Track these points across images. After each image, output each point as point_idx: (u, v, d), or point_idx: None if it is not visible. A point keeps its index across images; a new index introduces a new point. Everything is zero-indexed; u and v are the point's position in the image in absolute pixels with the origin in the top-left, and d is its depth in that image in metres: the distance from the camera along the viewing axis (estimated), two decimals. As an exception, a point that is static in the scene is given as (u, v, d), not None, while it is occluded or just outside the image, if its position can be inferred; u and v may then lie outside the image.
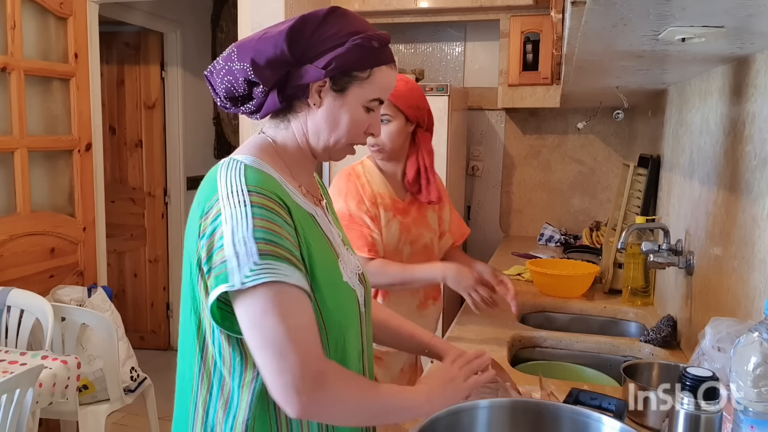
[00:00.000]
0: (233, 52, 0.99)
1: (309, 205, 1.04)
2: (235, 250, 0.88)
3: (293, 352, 0.87)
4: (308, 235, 0.98)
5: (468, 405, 1.04)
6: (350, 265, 1.08)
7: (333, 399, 0.90)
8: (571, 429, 1.03)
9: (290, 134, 1.04)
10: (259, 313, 0.88)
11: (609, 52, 1.26)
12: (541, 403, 1.10)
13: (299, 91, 1.00)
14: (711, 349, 1.09)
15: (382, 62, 1.01)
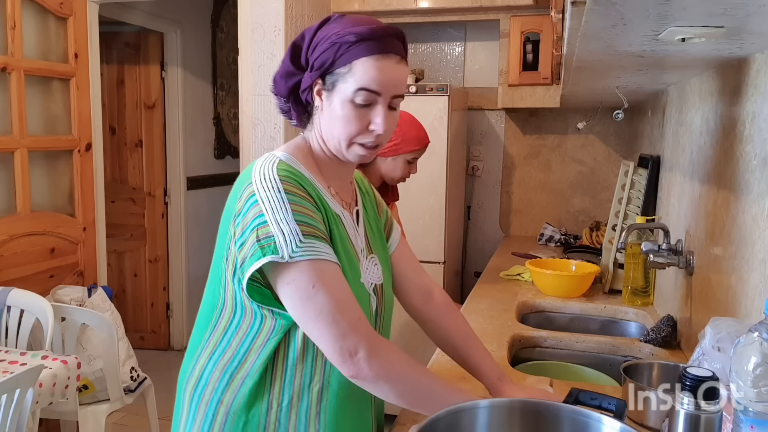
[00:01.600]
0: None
1: (337, 206, 1.10)
2: (279, 228, 0.97)
3: (345, 321, 0.96)
4: (334, 230, 1.06)
5: (468, 405, 1.04)
6: (370, 275, 1.13)
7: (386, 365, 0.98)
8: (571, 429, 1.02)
9: (315, 137, 1.11)
10: (309, 287, 0.97)
11: (609, 52, 1.26)
12: (541, 402, 1.10)
13: (308, 97, 1.08)
14: (711, 349, 1.09)
15: (361, 54, 1.02)
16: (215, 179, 4.74)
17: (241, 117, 2.96)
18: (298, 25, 2.98)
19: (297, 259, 0.96)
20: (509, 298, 2.23)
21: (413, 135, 2.04)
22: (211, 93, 4.70)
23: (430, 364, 1.62)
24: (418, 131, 2.07)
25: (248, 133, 2.95)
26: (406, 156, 2.05)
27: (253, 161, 1.10)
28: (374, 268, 1.15)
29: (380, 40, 1.03)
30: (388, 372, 0.99)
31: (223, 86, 4.81)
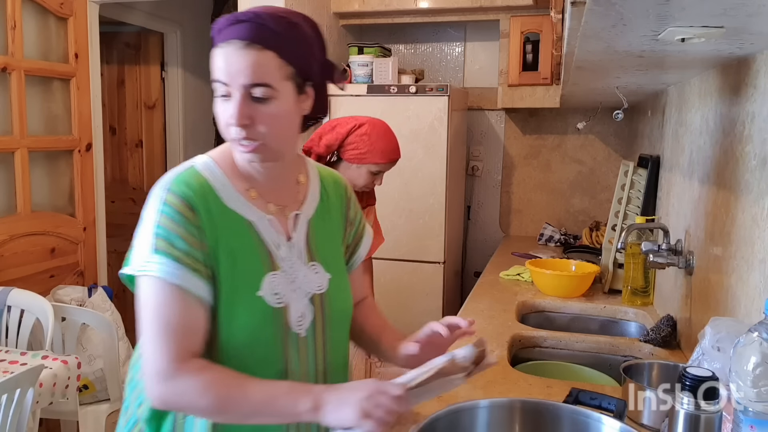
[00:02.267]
0: None
1: (253, 210, 1.03)
2: (141, 239, 0.97)
3: (157, 347, 0.94)
4: (231, 242, 1.00)
5: (468, 405, 1.04)
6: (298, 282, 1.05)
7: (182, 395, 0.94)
8: (571, 429, 1.03)
9: None
10: (142, 302, 0.96)
11: (609, 53, 1.26)
12: (541, 402, 1.10)
13: None
14: (711, 349, 1.09)
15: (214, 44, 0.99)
16: (215, 179, 4.74)
17: (241, 117, 2.95)
18: (298, 25, 2.98)
19: (139, 273, 0.95)
20: (509, 298, 2.23)
21: (381, 147, 1.99)
22: (211, 93, 4.70)
23: (430, 364, 1.62)
24: (387, 144, 2.02)
25: (248, 133, 2.94)
26: (370, 167, 2.00)
27: None
28: (313, 276, 1.08)
29: (224, 29, 0.97)
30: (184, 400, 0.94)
31: (223, 86, 4.81)
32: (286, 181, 1.11)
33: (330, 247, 1.14)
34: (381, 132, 2.00)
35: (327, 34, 3.35)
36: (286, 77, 0.98)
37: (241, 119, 0.96)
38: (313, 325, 1.06)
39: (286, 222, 1.07)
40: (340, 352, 1.13)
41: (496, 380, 1.50)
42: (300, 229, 1.09)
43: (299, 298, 1.04)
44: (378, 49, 3.26)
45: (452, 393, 1.41)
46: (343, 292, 1.14)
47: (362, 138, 1.97)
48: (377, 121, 2.02)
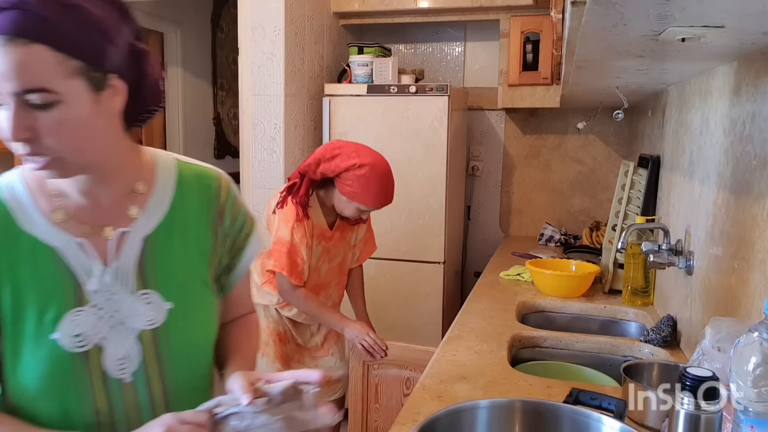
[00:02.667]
0: None
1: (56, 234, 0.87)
2: None
3: None
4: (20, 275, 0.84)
5: (468, 405, 1.04)
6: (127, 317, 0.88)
7: None
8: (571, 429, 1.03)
9: None
10: None
11: (609, 52, 1.26)
12: (541, 402, 1.10)
13: None
14: (711, 349, 1.09)
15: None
16: (215, 179, 4.74)
17: (241, 117, 2.96)
18: (298, 25, 2.98)
19: None
20: (509, 298, 2.23)
21: (374, 192, 1.99)
22: (211, 93, 4.71)
23: (431, 365, 1.62)
24: (382, 191, 2.01)
25: (248, 133, 2.95)
26: (360, 206, 2.01)
27: None
28: (143, 308, 0.89)
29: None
30: None
31: (223, 86, 4.82)
32: (113, 194, 0.91)
33: (179, 268, 0.94)
34: (378, 177, 1.98)
35: (327, 34, 3.36)
36: (71, 74, 0.78)
37: (18, 133, 0.78)
38: (144, 368, 0.89)
39: (105, 244, 0.89)
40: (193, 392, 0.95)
41: (496, 380, 1.50)
42: (129, 251, 0.90)
43: (120, 336, 0.87)
44: (378, 49, 3.26)
45: (452, 393, 1.41)
46: (191, 322, 0.94)
47: (359, 179, 1.95)
48: (379, 163, 2.01)
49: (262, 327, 2.24)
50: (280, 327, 2.23)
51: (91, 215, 0.90)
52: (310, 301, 2.08)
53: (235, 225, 1.02)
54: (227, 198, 1.02)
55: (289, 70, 2.91)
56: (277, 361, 2.21)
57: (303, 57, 3.06)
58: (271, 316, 2.22)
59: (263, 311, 2.23)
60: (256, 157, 2.94)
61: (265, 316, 2.23)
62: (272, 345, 2.21)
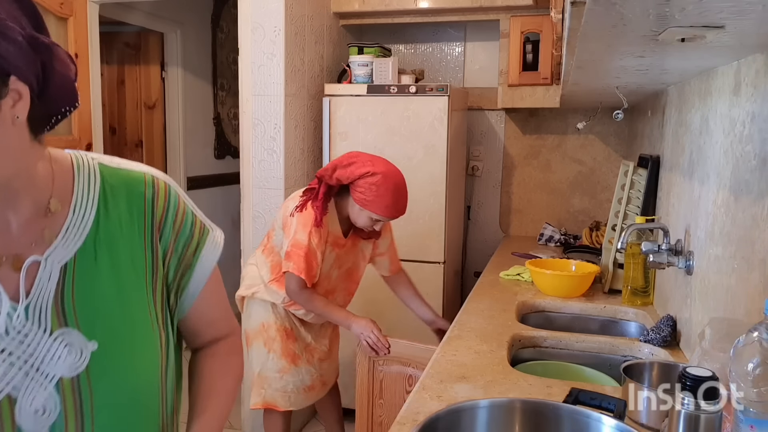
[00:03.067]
0: None
1: None
2: None
3: None
4: None
5: (468, 404, 1.04)
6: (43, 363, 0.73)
7: None
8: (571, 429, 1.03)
9: None
10: None
11: (609, 52, 1.26)
12: (541, 402, 1.10)
13: None
14: (711, 349, 1.09)
15: None
16: (215, 179, 4.75)
17: (241, 117, 2.96)
18: (298, 25, 2.98)
19: None
20: (509, 298, 2.23)
21: (386, 202, 2.01)
22: (211, 93, 4.71)
23: (430, 364, 1.62)
24: (394, 201, 2.03)
25: (248, 133, 2.95)
26: (371, 214, 2.04)
27: None
28: (61, 351, 0.74)
29: None
30: None
31: (223, 86, 4.82)
32: (22, 215, 0.76)
33: (107, 298, 0.79)
34: (391, 187, 2.00)
35: (327, 34, 3.36)
36: None
37: None
38: (64, 421, 0.74)
39: (15, 277, 0.74)
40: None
41: (496, 380, 1.50)
42: (43, 283, 0.75)
43: (36, 385, 0.73)
44: (378, 49, 3.27)
45: (452, 393, 1.41)
46: (121, 364, 0.78)
47: (371, 187, 1.98)
48: (392, 174, 2.03)
49: (269, 323, 2.26)
50: (286, 323, 2.25)
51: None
52: (316, 300, 2.11)
53: (180, 239, 0.86)
54: (166, 206, 0.85)
55: (289, 70, 2.91)
56: (284, 357, 2.22)
57: (303, 57, 3.07)
58: (279, 312, 2.25)
59: (270, 308, 2.24)
60: (256, 157, 2.94)
61: (273, 312, 2.25)
62: (279, 341, 2.23)
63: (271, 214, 2.92)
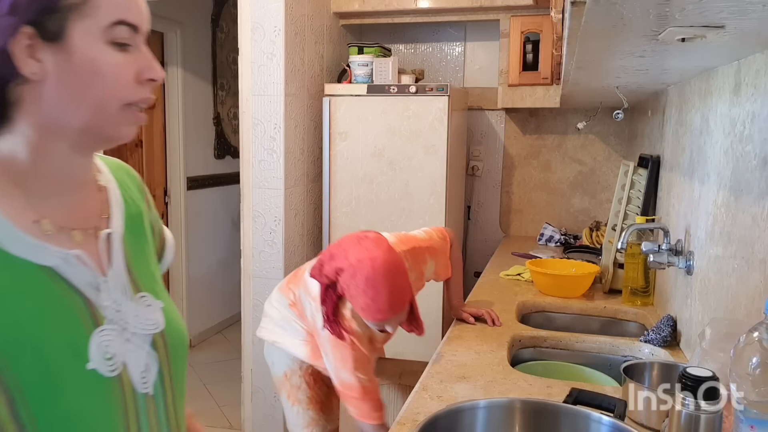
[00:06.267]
0: None
1: (50, 250, 0.69)
2: None
3: None
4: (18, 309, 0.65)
5: (468, 405, 1.04)
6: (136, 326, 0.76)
7: None
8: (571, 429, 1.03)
9: (18, 139, 0.69)
10: None
11: (609, 52, 1.26)
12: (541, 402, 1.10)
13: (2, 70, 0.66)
14: (711, 349, 1.09)
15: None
16: (215, 179, 4.75)
17: (241, 117, 2.96)
18: (298, 25, 2.98)
19: None
20: (509, 298, 2.23)
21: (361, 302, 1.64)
22: (211, 93, 4.71)
23: (431, 364, 1.62)
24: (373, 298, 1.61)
25: (248, 133, 2.95)
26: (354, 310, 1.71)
27: None
28: (146, 312, 0.78)
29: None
30: None
31: (223, 86, 4.82)
32: (88, 186, 0.78)
33: (149, 265, 0.84)
34: (361, 282, 1.61)
35: (327, 34, 3.36)
36: None
37: None
38: (161, 376, 0.79)
39: (97, 250, 0.75)
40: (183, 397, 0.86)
41: (496, 380, 1.50)
42: (117, 254, 0.78)
43: (137, 347, 0.76)
44: (378, 49, 3.27)
45: (452, 393, 1.41)
46: (176, 318, 0.85)
47: (347, 285, 1.64)
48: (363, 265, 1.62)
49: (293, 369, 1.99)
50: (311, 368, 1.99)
51: (78, 216, 0.75)
52: None
53: (156, 222, 0.91)
54: (146, 188, 0.91)
55: (289, 70, 2.91)
56: (311, 406, 1.99)
57: (303, 57, 3.07)
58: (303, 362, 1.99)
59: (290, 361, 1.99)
60: (256, 157, 2.94)
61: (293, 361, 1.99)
62: (305, 388, 1.99)
63: (271, 214, 2.93)
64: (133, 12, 0.70)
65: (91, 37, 0.67)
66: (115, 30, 0.68)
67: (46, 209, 0.71)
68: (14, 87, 0.67)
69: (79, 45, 0.67)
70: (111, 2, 0.68)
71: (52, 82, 0.67)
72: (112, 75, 0.69)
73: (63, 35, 0.66)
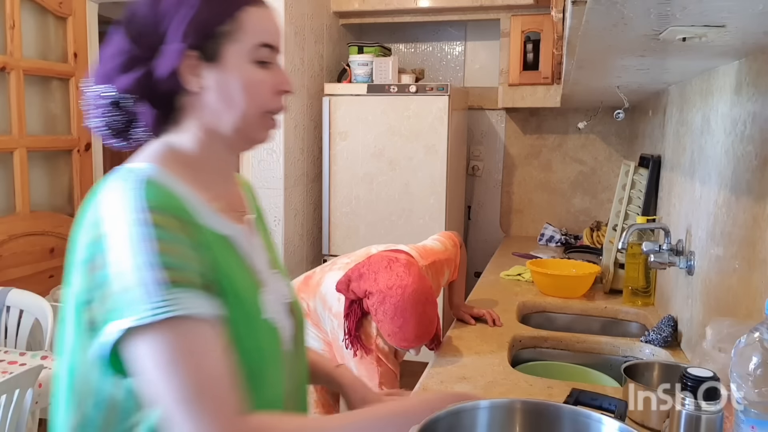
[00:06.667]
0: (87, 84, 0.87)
1: (226, 224, 0.86)
2: (134, 278, 0.71)
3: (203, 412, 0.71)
4: (222, 264, 0.81)
5: (468, 405, 1.04)
6: (278, 295, 0.92)
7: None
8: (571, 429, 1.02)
9: (189, 136, 0.86)
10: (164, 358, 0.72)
11: (610, 52, 1.26)
12: (542, 403, 1.09)
13: (172, 84, 0.83)
14: (712, 350, 1.08)
15: (242, 3, 0.83)
16: (215, 179, 4.74)
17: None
18: (298, 25, 2.98)
19: (151, 319, 0.71)
20: (509, 298, 2.23)
21: (388, 329, 1.61)
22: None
23: (431, 364, 1.62)
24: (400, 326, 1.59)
25: (248, 132, 2.95)
26: None
27: (107, 178, 0.82)
28: (281, 284, 0.95)
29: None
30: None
31: (223, 86, 4.81)
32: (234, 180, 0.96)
33: (273, 251, 0.99)
34: (390, 310, 1.58)
35: (327, 34, 3.36)
36: None
37: None
38: (293, 339, 0.94)
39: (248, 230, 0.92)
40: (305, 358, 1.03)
41: (497, 381, 1.50)
42: (257, 235, 0.94)
43: (282, 310, 0.92)
44: (378, 49, 3.26)
45: (452, 393, 1.41)
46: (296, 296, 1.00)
47: (374, 309, 1.62)
48: (393, 293, 1.59)
49: None
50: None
51: (235, 202, 0.93)
52: None
53: None
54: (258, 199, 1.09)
55: (289, 69, 2.90)
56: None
57: (303, 56, 3.06)
58: None
59: None
60: (256, 157, 2.93)
61: None
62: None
63: (270, 214, 2.92)
64: (273, 35, 0.86)
65: (240, 57, 0.83)
66: (259, 51, 0.84)
67: (213, 190, 0.87)
68: (181, 97, 0.85)
69: (231, 64, 0.83)
70: (256, 28, 0.84)
71: (210, 94, 0.84)
72: (255, 89, 0.85)
73: (219, 57, 0.83)
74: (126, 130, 0.88)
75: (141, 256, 0.72)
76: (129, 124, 0.88)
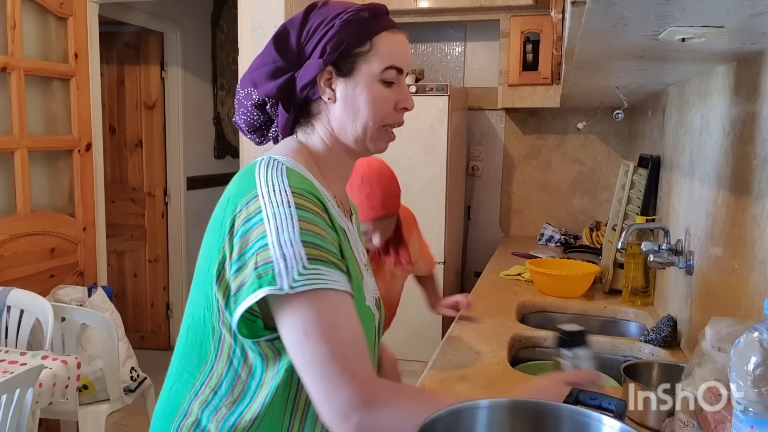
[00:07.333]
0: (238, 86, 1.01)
1: (342, 218, 0.98)
2: (282, 251, 0.82)
3: (342, 374, 0.80)
4: (344, 250, 0.92)
5: (468, 405, 1.04)
6: (370, 289, 1.03)
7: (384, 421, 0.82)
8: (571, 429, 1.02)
9: (318, 138, 0.99)
10: (307, 325, 0.82)
11: (609, 52, 1.26)
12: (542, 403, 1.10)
13: (310, 92, 0.96)
14: (711, 349, 1.09)
15: (379, 29, 0.95)
16: (215, 179, 4.74)
17: (241, 117, 2.96)
18: (298, 25, 2.98)
19: (299, 289, 0.81)
20: (509, 298, 2.23)
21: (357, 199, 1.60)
22: (211, 93, 4.70)
23: (430, 364, 1.62)
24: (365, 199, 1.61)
25: (248, 133, 2.95)
26: None
27: (251, 164, 0.96)
28: (371, 280, 1.05)
29: (388, 15, 0.98)
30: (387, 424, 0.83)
31: (223, 86, 4.81)
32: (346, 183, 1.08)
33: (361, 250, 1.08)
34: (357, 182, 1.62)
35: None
36: None
37: None
38: (378, 332, 1.05)
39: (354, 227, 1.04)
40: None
41: (497, 380, 1.50)
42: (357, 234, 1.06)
43: (373, 303, 1.02)
44: (378, 49, 3.26)
45: (452, 393, 1.41)
46: None
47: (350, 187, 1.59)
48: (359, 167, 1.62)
49: None
50: None
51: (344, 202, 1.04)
52: None
53: None
54: None
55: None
56: None
57: (303, 57, 3.06)
58: None
59: None
60: (256, 157, 2.93)
61: None
62: None
63: (271, 214, 2.92)
64: (403, 59, 0.97)
65: (370, 76, 0.94)
66: (387, 72, 0.95)
67: (334, 188, 1.00)
68: (316, 104, 0.97)
69: (361, 81, 0.94)
70: (387, 51, 0.95)
71: (340, 104, 0.95)
72: (378, 105, 0.95)
73: (352, 73, 0.94)
74: (261, 129, 1.03)
75: (288, 233, 0.83)
76: (265, 125, 1.02)
